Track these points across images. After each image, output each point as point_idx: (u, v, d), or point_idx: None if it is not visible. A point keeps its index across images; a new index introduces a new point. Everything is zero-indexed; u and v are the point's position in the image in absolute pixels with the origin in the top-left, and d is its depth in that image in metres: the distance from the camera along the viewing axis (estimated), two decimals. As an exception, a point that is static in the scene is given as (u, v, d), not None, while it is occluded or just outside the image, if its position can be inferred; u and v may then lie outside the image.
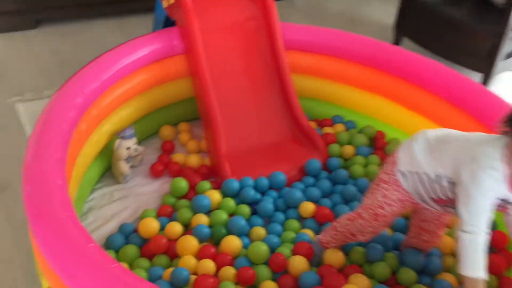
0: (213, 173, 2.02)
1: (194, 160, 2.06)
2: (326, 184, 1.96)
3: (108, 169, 2.02)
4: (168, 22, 2.26)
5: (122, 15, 3.25)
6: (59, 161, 1.52)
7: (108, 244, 1.70)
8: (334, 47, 2.22)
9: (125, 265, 1.61)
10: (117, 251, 1.67)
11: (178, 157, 2.08)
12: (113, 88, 1.94)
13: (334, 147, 2.13)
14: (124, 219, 1.83)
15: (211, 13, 2.11)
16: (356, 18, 3.56)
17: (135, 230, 1.75)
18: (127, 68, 1.97)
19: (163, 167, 2.03)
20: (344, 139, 2.19)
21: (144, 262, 1.63)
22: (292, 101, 2.16)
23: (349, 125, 2.29)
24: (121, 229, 1.76)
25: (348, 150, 2.14)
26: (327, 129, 2.25)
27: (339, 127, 2.26)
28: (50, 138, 1.57)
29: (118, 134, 1.94)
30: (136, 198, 1.93)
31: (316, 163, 2.02)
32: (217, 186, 1.94)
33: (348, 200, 1.92)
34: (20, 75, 2.66)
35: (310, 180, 2.00)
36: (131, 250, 1.66)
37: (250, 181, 1.91)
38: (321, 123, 2.32)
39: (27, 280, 1.69)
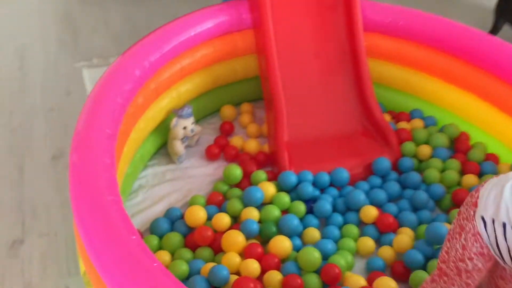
0: (270, 162, 1.87)
1: (252, 146, 1.92)
2: (394, 187, 1.75)
3: (164, 145, 1.94)
4: (238, -6, 2.10)
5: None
6: (110, 137, 1.42)
7: (153, 228, 1.61)
8: (421, 32, 1.96)
9: (166, 254, 1.52)
10: (160, 237, 1.58)
11: (236, 140, 1.95)
12: (174, 62, 1.83)
13: (408, 146, 1.90)
14: (172, 202, 1.74)
15: (285, -12, 1.93)
16: (450, -1, 3.22)
17: (182, 216, 1.66)
18: (190, 41, 1.84)
19: (219, 150, 1.91)
20: (421, 137, 1.95)
21: (187, 253, 1.53)
22: (365, 89, 1.95)
23: (429, 122, 2.04)
24: (168, 213, 1.66)
25: (424, 150, 1.90)
26: (403, 124, 2.01)
27: (417, 123, 2.02)
28: (102, 112, 1.48)
29: (175, 111, 1.83)
30: (188, 180, 1.83)
31: (385, 162, 1.81)
32: (273, 177, 1.79)
33: (417, 208, 1.71)
34: (91, 39, 2.64)
35: (377, 180, 1.80)
36: (175, 238, 1.56)
37: (309, 175, 1.75)
38: (397, 117, 2.09)
39: (69, 257, 1.65)
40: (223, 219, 1.59)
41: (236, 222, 1.64)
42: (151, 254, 1.14)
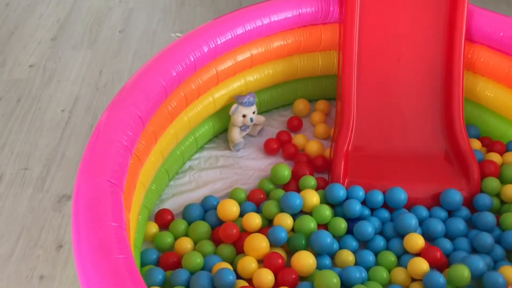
0: (328, 168, 1.73)
1: (313, 147, 1.79)
2: (459, 224, 1.52)
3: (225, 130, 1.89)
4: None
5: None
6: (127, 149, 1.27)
7: (185, 213, 1.58)
8: (536, 53, 1.65)
9: (189, 242, 1.48)
10: (190, 223, 1.55)
11: (298, 138, 1.83)
12: (245, 48, 1.75)
13: (492, 182, 1.63)
14: (216, 190, 1.69)
15: (380, -19, 1.74)
16: None
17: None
18: (266, 28, 1.75)
19: (277, 145, 1.81)
20: (510, 175, 1.66)
21: (209, 246, 1.48)
22: (453, 108, 1.70)
23: (527, 159, 1.73)
24: (204, 201, 1.62)
25: (510, 191, 1.61)
26: (493, 156, 1.73)
27: (511, 157, 1.72)
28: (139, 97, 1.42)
29: (237, 98, 1.77)
30: (239, 171, 1.76)
31: (455, 195, 1.57)
32: (324, 186, 1.66)
33: (478, 251, 1.47)
34: (194, 12, 2.66)
35: (441, 213, 1.57)
36: (202, 228, 1.51)
37: (360, 192, 1.58)
38: (489, 145, 1.80)
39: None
40: (254, 220, 1.50)
41: (269, 225, 1.55)
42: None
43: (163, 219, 1.56)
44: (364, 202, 1.59)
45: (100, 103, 2.08)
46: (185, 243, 1.48)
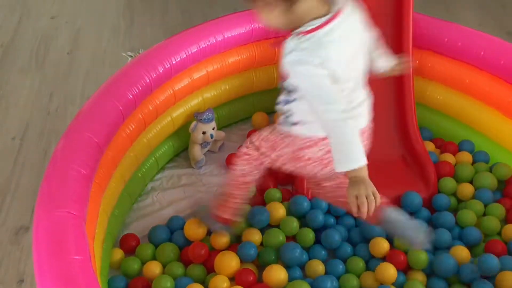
0: (292, 180, 1.75)
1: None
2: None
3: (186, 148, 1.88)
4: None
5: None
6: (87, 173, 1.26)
7: (150, 236, 1.55)
8: (480, 57, 1.72)
9: (158, 266, 1.46)
10: (157, 246, 1.52)
11: (259, 152, 1.84)
12: (200, 66, 1.75)
13: (448, 182, 1.69)
14: (180, 209, 1.67)
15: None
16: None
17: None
18: (221, 45, 1.75)
19: (239, 160, 1.82)
20: (464, 175, 1.72)
21: (179, 268, 1.46)
22: (407, 113, 1.76)
23: (479, 158, 1.80)
24: (170, 222, 1.60)
25: (466, 189, 1.68)
26: (447, 157, 1.79)
27: (464, 156, 1.79)
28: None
29: (196, 115, 1.76)
30: (203, 188, 1.75)
31: (415, 197, 1.61)
32: (289, 197, 1.67)
33: (438, 248, 1.53)
34: (144, 29, 2.63)
35: (403, 217, 1.61)
36: (169, 250, 1.49)
37: (323, 202, 1.60)
38: (443, 147, 1.86)
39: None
40: (221, 237, 1.50)
41: (238, 242, 1.54)
42: None
43: (128, 245, 1.53)
44: (329, 211, 1.62)
45: (53, 128, 2.02)
46: (154, 267, 1.45)
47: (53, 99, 2.17)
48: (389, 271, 1.43)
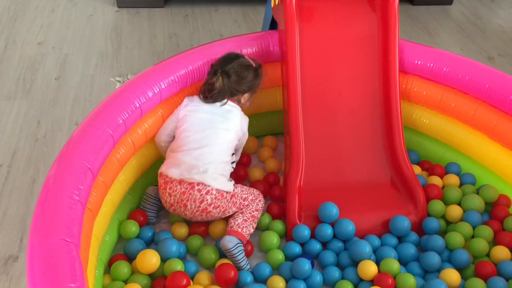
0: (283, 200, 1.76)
1: (256, 174, 1.87)
2: (409, 249, 1.58)
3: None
4: (275, 23, 2.01)
5: (248, 2, 3.08)
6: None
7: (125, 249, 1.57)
8: (465, 81, 1.76)
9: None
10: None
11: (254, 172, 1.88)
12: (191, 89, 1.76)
13: (437, 205, 1.71)
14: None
15: (318, 22, 1.81)
16: (521, 40, 2.94)
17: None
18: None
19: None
20: (452, 197, 1.75)
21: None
22: (395, 137, 1.78)
23: (466, 180, 1.83)
24: (141, 233, 1.61)
25: (454, 212, 1.70)
26: (434, 179, 1.82)
27: (451, 179, 1.82)
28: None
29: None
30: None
31: (403, 221, 1.63)
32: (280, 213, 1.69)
33: (427, 271, 1.55)
34: (132, 54, 2.64)
35: (392, 240, 1.63)
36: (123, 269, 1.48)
37: (305, 231, 1.61)
38: (430, 169, 1.89)
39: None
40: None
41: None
42: None
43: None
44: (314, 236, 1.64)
45: (41, 155, 2.00)
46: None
47: (41, 125, 2.16)
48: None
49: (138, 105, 1.56)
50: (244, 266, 1.53)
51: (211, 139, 1.61)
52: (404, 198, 1.72)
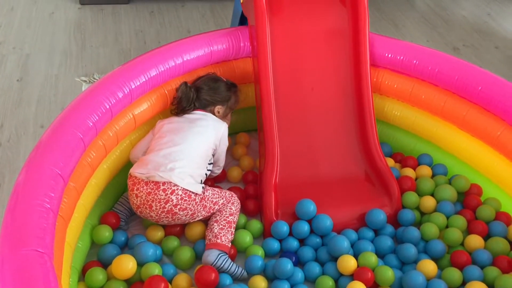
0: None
1: (234, 174, 1.84)
2: (386, 242, 1.59)
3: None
4: (245, 19, 1.98)
5: (216, -2, 3.05)
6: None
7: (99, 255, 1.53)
8: (435, 74, 1.78)
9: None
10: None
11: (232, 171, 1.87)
12: (160, 89, 1.72)
13: (411, 197, 1.73)
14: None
15: (288, 17, 1.80)
16: (486, 29, 3.00)
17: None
18: (180, 68, 1.73)
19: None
20: (425, 188, 1.77)
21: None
22: (367, 131, 1.79)
23: (438, 170, 1.86)
24: (115, 238, 1.58)
25: (428, 202, 1.72)
26: (407, 171, 1.84)
27: (424, 170, 1.84)
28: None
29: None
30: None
31: (379, 215, 1.64)
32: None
33: (404, 263, 1.57)
34: (97, 53, 2.57)
35: (368, 233, 1.64)
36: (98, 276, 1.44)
37: (284, 227, 1.61)
38: (402, 161, 1.91)
39: None
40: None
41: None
42: None
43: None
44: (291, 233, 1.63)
45: (6, 160, 1.93)
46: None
47: (4, 129, 2.08)
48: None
49: (108, 106, 1.52)
50: (236, 271, 1.50)
51: (181, 140, 1.59)
52: (378, 191, 1.73)
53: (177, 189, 1.50)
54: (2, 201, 1.76)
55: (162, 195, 1.49)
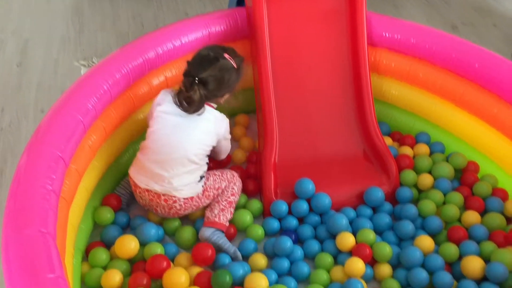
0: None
1: (241, 157, 1.86)
2: (384, 219, 1.62)
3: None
4: (242, 0, 1.98)
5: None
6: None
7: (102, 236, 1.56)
8: (433, 52, 1.79)
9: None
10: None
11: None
12: (159, 71, 1.73)
13: (409, 174, 1.75)
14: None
15: (285, -4, 1.80)
16: (485, 7, 2.98)
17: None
18: (178, 50, 1.74)
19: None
20: (423, 166, 1.79)
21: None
22: (365, 110, 1.80)
23: (436, 148, 1.87)
24: (116, 219, 1.61)
25: (425, 180, 1.74)
26: (406, 150, 1.86)
27: (422, 148, 1.86)
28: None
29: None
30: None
31: (377, 193, 1.66)
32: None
33: (402, 239, 1.59)
34: (95, 37, 2.57)
35: (366, 211, 1.66)
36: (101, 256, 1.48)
37: (283, 206, 1.63)
38: (400, 140, 1.93)
39: None
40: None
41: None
42: None
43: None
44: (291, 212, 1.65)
45: (8, 145, 1.95)
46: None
47: (4, 114, 2.09)
48: (358, 265, 1.47)
49: (107, 88, 1.53)
50: (229, 248, 1.53)
51: (177, 146, 1.49)
52: (377, 169, 1.75)
53: (178, 199, 1.53)
54: (5, 185, 1.79)
55: (165, 204, 1.53)
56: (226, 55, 1.52)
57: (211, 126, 1.54)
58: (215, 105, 1.60)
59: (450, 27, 2.78)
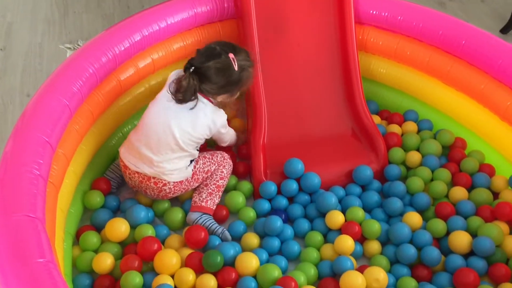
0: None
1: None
2: (373, 197, 1.63)
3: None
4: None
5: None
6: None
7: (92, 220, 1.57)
8: (420, 29, 1.78)
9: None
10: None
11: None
12: (146, 53, 1.72)
13: (397, 152, 1.76)
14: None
15: (271, -26, 1.78)
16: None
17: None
18: (164, 31, 1.72)
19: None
20: (411, 143, 1.80)
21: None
22: (354, 88, 1.80)
23: (423, 126, 1.88)
24: (106, 203, 1.61)
25: (413, 157, 1.76)
26: (394, 128, 1.86)
27: (410, 126, 1.87)
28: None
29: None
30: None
31: (366, 171, 1.67)
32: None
33: (391, 216, 1.61)
34: (80, 19, 2.53)
35: (356, 189, 1.67)
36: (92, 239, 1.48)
37: (271, 187, 1.64)
38: (389, 118, 1.94)
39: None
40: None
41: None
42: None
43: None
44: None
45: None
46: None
47: (-11, 98, 2.08)
48: (347, 243, 1.48)
49: (92, 71, 1.51)
50: (217, 229, 1.54)
51: (165, 131, 1.48)
52: (365, 148, 1.76)
53: (168, 182, 1.53)
54: (-7, 171, 1.77)
55: (154, 186, 1.53)
56: (231, 55, 1.48)
57: (203, 119, 1.51)
58: (214, 101, 1.56)
59: (438, 3, 2.78)
